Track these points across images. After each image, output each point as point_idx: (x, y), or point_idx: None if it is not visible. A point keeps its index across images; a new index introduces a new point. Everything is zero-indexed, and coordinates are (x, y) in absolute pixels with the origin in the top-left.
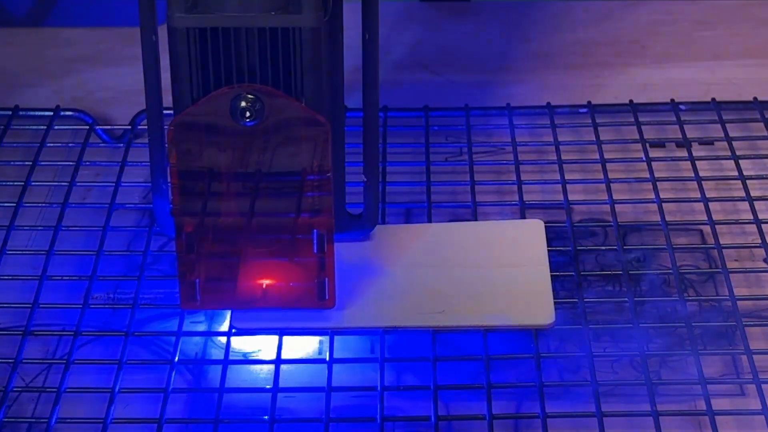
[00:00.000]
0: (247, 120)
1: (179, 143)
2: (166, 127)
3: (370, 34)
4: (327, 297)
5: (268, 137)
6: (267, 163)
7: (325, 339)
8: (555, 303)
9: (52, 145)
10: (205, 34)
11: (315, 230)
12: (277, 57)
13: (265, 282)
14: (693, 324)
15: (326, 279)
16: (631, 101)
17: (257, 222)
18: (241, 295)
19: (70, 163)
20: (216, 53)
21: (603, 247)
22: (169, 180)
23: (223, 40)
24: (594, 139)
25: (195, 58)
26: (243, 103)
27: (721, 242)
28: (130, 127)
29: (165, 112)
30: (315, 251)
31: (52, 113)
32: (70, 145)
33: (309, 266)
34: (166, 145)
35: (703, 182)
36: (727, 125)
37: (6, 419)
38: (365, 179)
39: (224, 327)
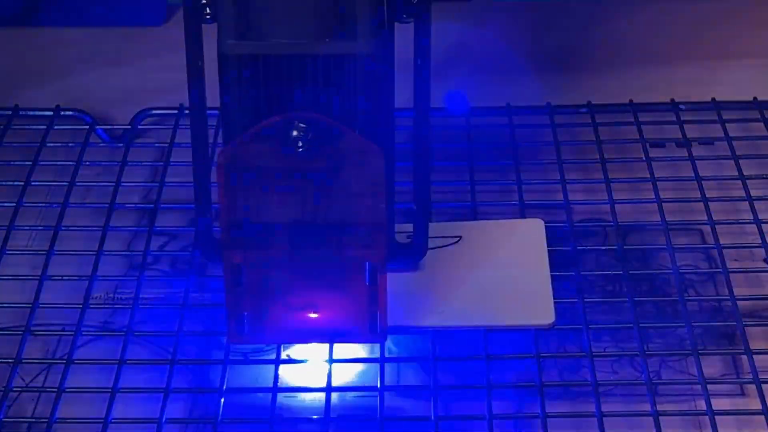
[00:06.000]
0: (299, 149)
1: (229, 173)
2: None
3: (422, 59)
4: (379, 330)
5: (320, 166)
6: (318, 193)
7: None
8: (555, 303)
9: (52, 145)
10: (257, 61)
11: (367, 262)
12: (330, 84)
13: (315, 315)
14: (693, 324)
15: (378, 312)
16: (631, 101)
17: (307, 253)
18: (290, 329)
19: (70, 163)
20: (267, 80)
21: (603, 247)
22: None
23: (275, 68)
24: (594, 139)
25: (246, 85)
26: (295, 132)
27: (721, 242)
28: (130, 127)
29: None
30: (367, 283)
31: (52, 113)
32: (70, 145)
33: (360, 299)
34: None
35: (703, 182)
36: (727, 125)
37: (6, 419)
38: (415, 207)
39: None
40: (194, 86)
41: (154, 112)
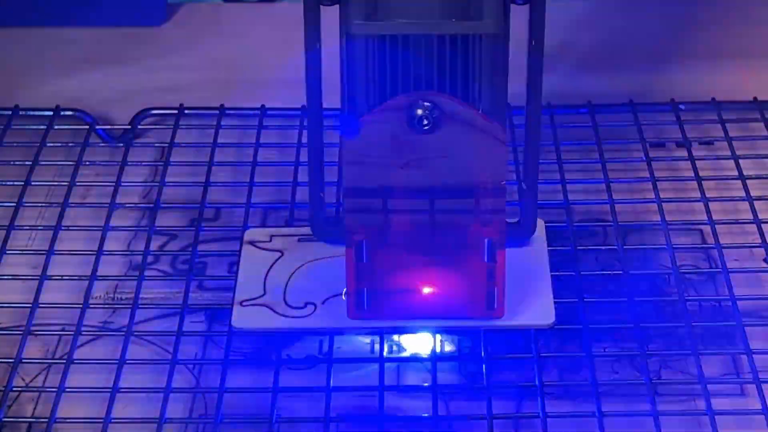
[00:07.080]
0: (424, 128)
1: (353, 152)
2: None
3: (536, 40)
4: (496, 306)
5: (443, 145)
6: (441, 172)
7: (325, 339)
8: (555, 303)
9: (52, 145)
10: (384, 41)
11: (487, 238)
12: (456, 64)
13: (432, 291)
14: (693, 324)
15: (495, 288)
16: (631, 101)
17: (427, 230)
18: (409, 305)
19: (70, 163)
20: (394, 61)
21: (603, 247)
22: (342, 194)
23: (402, 48)
24: (594, 139)
25: (372, 65)
26: (420, 111)
27: (721, 242)
28: (130, 127)
29: None
30: (486, 260)
31: (52, 113)
32: (70, 145)
33: (478, 275)
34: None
35: (703, 182)
36: (727, 125)
37: (6, 419)
38: (524, 186)
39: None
40: (311, 69)
41: (154, 112)
